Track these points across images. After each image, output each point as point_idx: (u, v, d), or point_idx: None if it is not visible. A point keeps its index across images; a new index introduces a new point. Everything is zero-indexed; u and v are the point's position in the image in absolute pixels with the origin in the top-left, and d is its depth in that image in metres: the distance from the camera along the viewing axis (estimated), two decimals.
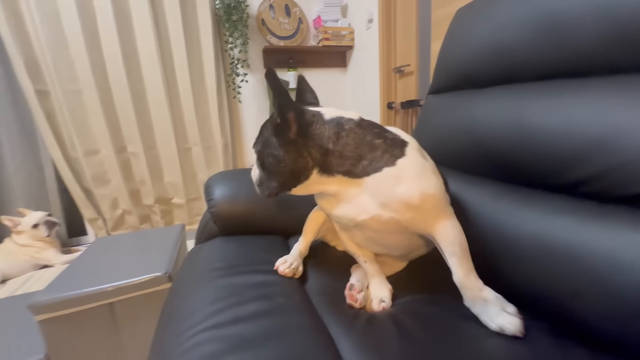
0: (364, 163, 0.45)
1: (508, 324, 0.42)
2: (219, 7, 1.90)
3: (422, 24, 1.65)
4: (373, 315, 0.49)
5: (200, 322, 0.45)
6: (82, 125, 1.81)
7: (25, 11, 1.61)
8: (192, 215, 2.18)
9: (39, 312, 0.80)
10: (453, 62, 0.80)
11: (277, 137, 0.47)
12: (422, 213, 0.46)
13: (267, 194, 0.53)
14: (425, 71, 1.67)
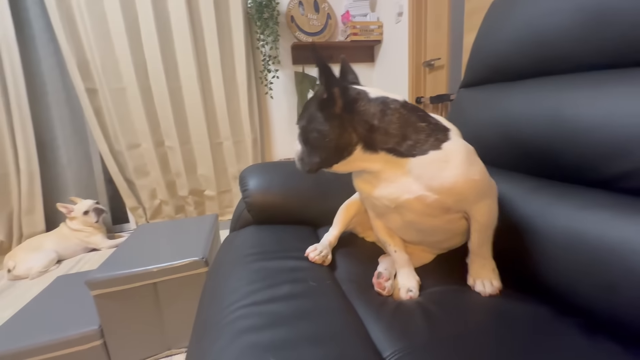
0: (409, 143, 0.46)
1: (486, 287, 0.51)
2: (250, 6, 1.96)
3: (454, 16, 1.60)
4: (401, 302, 0.51)
5: (240, 300, 0.49)
6: (125, 120, 1.96)
7: (78, 16, 1.75)
8: (223, 207, 2.28)
9: (95, 288, 0.89)
10: (487, 55, 0.79)
11: (323, 112, 0.48)
12: (466, 196, 0.47)
13: (308, 170, 0.54)
14: (457, 65, 1.62)
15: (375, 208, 0.57)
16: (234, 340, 0.39)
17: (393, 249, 0.59)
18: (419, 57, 1.87)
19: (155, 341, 1.00)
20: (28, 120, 1.79)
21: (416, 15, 1.81)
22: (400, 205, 0.50)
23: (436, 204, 0.47)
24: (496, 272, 0.54)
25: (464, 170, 0.45)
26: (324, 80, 0.46)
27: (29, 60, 1.80)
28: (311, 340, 0.38)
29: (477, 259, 0.55)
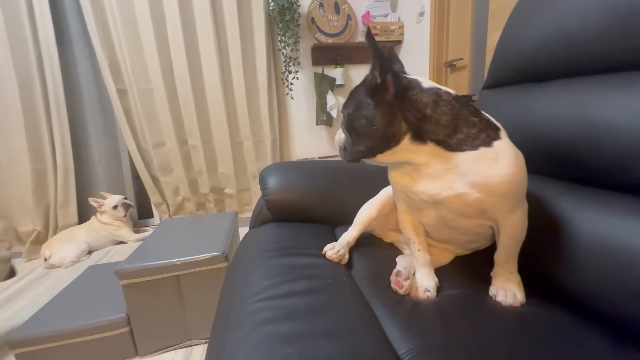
0: (460, 136, 0.45)
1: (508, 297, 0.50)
2: (272, 9, 1.99)
3: (477, 15, 1.57)
4: (418, 302, 0.51)
5: (259, 293, 0.51)
6: (152, 120, 2.05)
7: (111, 21, 1.85)
8: (242, 205, 2.34)
9: (123, 278, 0.94)
10: (511, 55, 0.77)
11: (373, 99, 0.47)
12: (507, 199, 0.46)
13: (351, 159, 0.53)
14: (480, 65, 1.58)
15: (410, 202, 0.56)
16: (254, 331, 0.41)
17: (417, 247, 0.59)
18: (440, 58, 1.84)
19: (176, 331, 1.05)
20: (65, 119, 1.92)
21: (438, 15, 1.78)
22: (439, 202, 0.49)
23: (475, 203, 0.47)
24: (521, 287, 0.52)
25: (511, 172, 0.45)
26: (378, 65, 0.45)
27: (66, 62, 1.92)
28: (327, 334, 0.39)
29: (502, 271, 0.54)
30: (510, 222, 0.49)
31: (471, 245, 0.63)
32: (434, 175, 0.48)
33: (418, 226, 0.60)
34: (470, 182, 0.46)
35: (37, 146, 1.91)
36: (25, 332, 0.94)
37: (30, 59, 1.80)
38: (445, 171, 0.47)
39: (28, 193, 1.93)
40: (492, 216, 0.49)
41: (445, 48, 1.83)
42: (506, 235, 0.51)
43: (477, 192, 0.46)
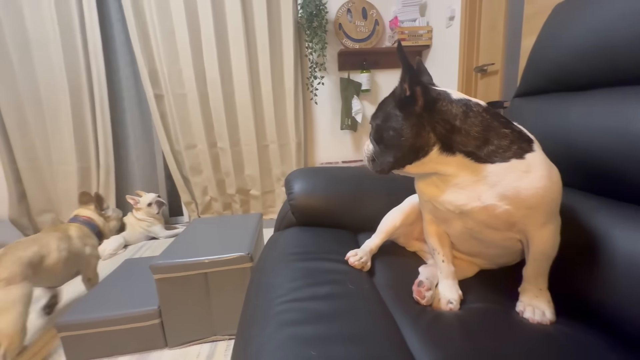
0: (490, 148, 0.45)
1: (536, 314, 0.49)
2: (301, 16, 2.04)
3: (511, 19, 1.52)
4: (440, 313, 0.51)
5: (284, 295, 0.53)
6: (184, 123, 2.16)
7: (151, 31, 1.99)
8: (266, 207, 2.40)
9: (157, 272, 1.01)
10: (546, 63, 0.75)
11: (402, 110, 0.48)
12: (538, 212, 0.46)
13: (379, 170, 0.54)
14: (513, 70, 1.53)
15: (435, 213, 0.55)
16: (278, 331, 0.43)
17: (441, 258, 0.58)
18: (470, 62, 1.80)
19: (203, 326, 1.10)
20: (108, 122, 2.07)
21: (469, 19, 1.74)
22: (465, 213, 0.49)
23: (504, 215, 0.46)
24: (551, 305, 0.50)
25: (543, 185, 0.44)
26: (407, 78, 0.46)
27: (110, 69, 2.08)
28: (348, 339, 0.40)
29: (531, 287, 0.52)
30: (541, 237, 0.48)
31: (499, 260, 0.62)
32: (462, 185, 0.48)
33: (443, 237, 0.59)
34: (499, 193, 0.45)
35: (83, 146, 2.08)
36: (70, 318, 1.02)
37: (80, 66, 1.97)
38: (473, 182, 0.47)
39: (74, 189, 2.10)
40: (521, 229, 0.48)
41: (475, 52, 1.78)
42: (536, 250, 0.49)
43: (506, 204, 0.45)
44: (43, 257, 1.09)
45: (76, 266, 1.24)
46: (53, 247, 1.13)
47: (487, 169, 0.46)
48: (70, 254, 1.18)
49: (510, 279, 0.57)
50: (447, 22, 1.93)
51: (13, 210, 2.09)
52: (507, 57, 1.57)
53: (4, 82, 1.94)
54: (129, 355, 1.06)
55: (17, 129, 2.01)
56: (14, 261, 0.99)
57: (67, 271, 1.20)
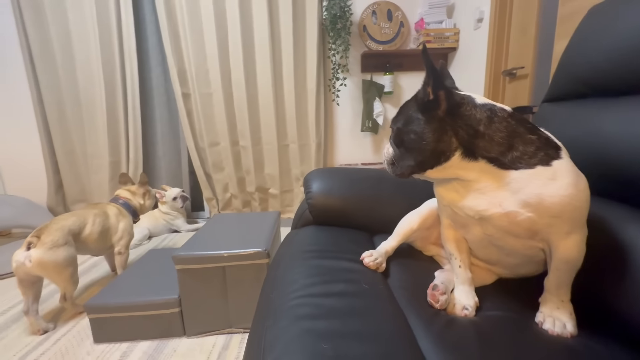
0: (515, 154, 0.44)
1: (556, 326, 0.47)
2: (325, 17, 2.06)
3: (544, 21, 1.46)
4: (454, 318, 0.50)
5: (299, 290, 0.54)
6: (209, 121, 2.23)
7: (182, 32, 2.07)
8: (284, 205, 2.43)
9: (179, 263, 1.05)
10: (580, 66, 0.72)
11: (424, 114, 0.47)
12: (563, 221, 0.44)
13: (399, 174, 0.53)
14: (544, 75, 1.47)
15: (454, 218, 0.55)
16: (293, 324, 0.44)
17: (458, 263, 0.57)
18: (498, 65, 1.75)
19: (219, 318, 1.13)
20: (138, 119, 2.18)
21: (498, 21, 1.69)
22: (485, 219, 0.48)
23: (526, 223, 0.45)
24: (573, 317, 0.48)
25: (570, 193, 0.42)
26: (431, 82, 0.45)
27: (142, 68, 2.18)
28: (360, 336, 0.41)
29: (552, 298, 0.50)
30: (565, 246, 0.46)
31: (519, 270, 0.60)
32: (483, 191, 0.47)
33: (461, 242, 0.58)
34: (521, 200, 0.44)
35: (115, 141, 2.20)
36: (97, 301, 1.09)
37: (116, 65, 2.09)
38: (495, 188, 0.46)
39: (105, 181, 2.22)
40: (544, 238, 0.47)
41: (504, 55, 1.73)
42: (559, 260, 0.48)
43: (529, 212, 0.44)
44: (81, 228, 1.29)
45: (109, 240, 1.42)
46: (90, 221, 1.33)
47: (510, 175, 0.44)
48: (104, 229, 1.38)
49: (531, 288, 0.55)
50: (475, 24, 1.89)
51: (51, 199, 2.25)
52: (538, 60, 1.51)
53: (48, 80, 2.09)
54: (150, 341, 1.11)
55: (57, 124, 2.16)
56: (57, 228, 1.18)
57: (102, 243, 1.38)
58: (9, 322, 1.26)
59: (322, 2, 2.09)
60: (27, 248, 1.11)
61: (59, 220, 1.23)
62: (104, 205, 1.46)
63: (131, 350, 1.07)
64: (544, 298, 0.51)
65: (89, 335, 1.13)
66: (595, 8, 0.73)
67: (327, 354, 0.37)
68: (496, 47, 1.72)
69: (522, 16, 1.60)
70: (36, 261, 1.10)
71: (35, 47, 2.03)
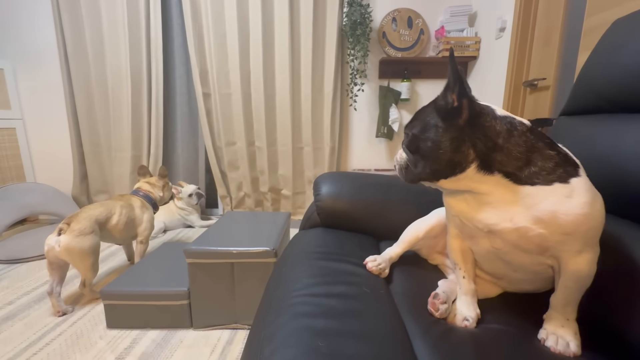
0: (533, 169, 0.43)
1: (559, 344, 0.46)
2: (345, 23, 2.08)
3: (568, 32, 1.43)
4: (454, 327, 0.50)
5: (301, 289, 0.56)
6: (227, 121, 2.29)
7: (205, 34, 2.15)
8: (296, 207, 2.45)
9: (190, 257, 1.09)
10: (600, 80, 0.70)
11: (445, 121, 0.46)
12: (575, 239, 0.43)
13: (411, 180, 0.52)
14: (566, 87, 1.43)
15: (462, 228, 0.54)
16: (292, 320, 0.46)
17: (462, 274, 0.57)
18: (519, 76, 1.71)
19: (226, 313, 1.16)
20: (160, 116, 2.26)
21: (521, 31, 1.66)
22: (494, 232, 0.47)
23: (537, 239, 0.44)
24: (578, 337, 0.47)
25: (585, 212, 0.42)
26: (456, 89, 0.44)
27: (167, 68, 2.27)
28: (356, 336, 0.42)
29: (557, 316, 0.49)
30: (576, 265, 0.45)
31: (524, 286, 0.59)
32: (494, 205, 0.46)
33: (467, 253, 0.58)
34: (534, 216, 0.43)
35: (138, 136, 2.30)
36: (113, 288, 1.14)
37: (143, 64, 2.18)
38: (507, 203, 0.45)
39: (126, 174, 2.32)
40: (555, 254, 0.46)
41: (526, 66, 1.69)
42: (568, 278, 0.47)
43: (541, 228, 0.43)
44: (108, 217, 1.37)
45: (134, 230, 1.50)
46: (116, 212, 1.41)
47: (525, 191, 0.44)
48: (129, 220, 1.46)
49: (535, 304, 0.54)
50: (497, 33, 1.86)
51: (76, 188, 2.37)
52: (561, 72, 1.47)
53: (81, 76, 2.21)
54: (159, 331, 1.15)
55: (86, 118, 2.28)
56: (85, 217, 1.26)
57: (126, 233, 1.46)
58: (32, 302, 1.34)
59: (342, 8, 2.12)
60: (58, 233, 1.19)
61: (87, 209, 1.31)
62: (129, 197, 1.53)
63: (140, 337, 1.12)
64: (548, 315, 0.51)
65: (103, 321, 1.19)
66: (619, 21, 0.71)
67: (322, 351, 0.38)
68: (518, 57, 1.69)
69: (546, 26, 1.57)
70: (64, 246, 1.17)
71: (70, 46, 2.16)
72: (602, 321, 0.50)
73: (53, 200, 2.14)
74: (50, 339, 1.11)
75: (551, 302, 0.50)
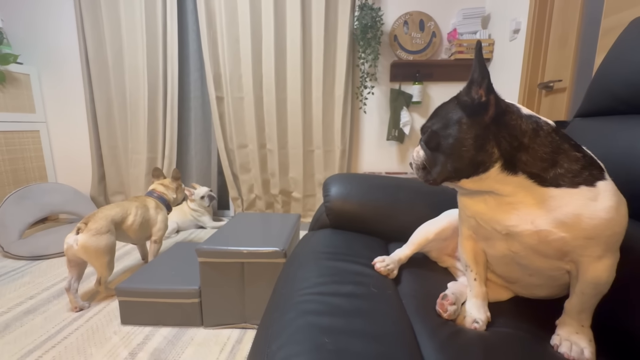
0: (559, 171, 0.42)
1: (573, 350, 0.45)
2: (356, 27, 2.10)
3: (585, 33, 1.39)
4: (461, 329, 0.50)
5: (309, 288, 0.56)
6: (239, 124, 2.33)
7: (219, 39, 2.20)
8: (306, 210, 2.46)
9: (201, 256, 1.11)
10: (617, 81, 0.69)
11: (470, 118, 0.44)
12: (597, 244, 0.42)
13: (431, 181, 0.50)
14: (583, 88, 1.39)
15: (477, 230, 0.52)
16: (299, 317, 0.46)
17: (473, 276, 0.56)
18: (534, 78, 1.68)
19: (235, 312, 1.17)
20: (175, 119, 2.33)
21: (536, 32, 1.63)
22: (512, 235, 0.46)
23: (557, 243, 0.43)
24: (593, 344, 0.46)
25: (610, 217, 0.41)
26: (485, 84, 0.42)
27: (182, 73, 2.34)
28: (362, 335, 0.42)
29: (571, 322, 0.47)
30: (595, 270, 0.44)
31: (538, 292, 0.57)
32: (515, 206, 0.45)
33: (479, 254, 0.57)
34: (556, 220, 0.42)
35: (153, 139, 2.36)
36: (127, 285, 1.17)
37: (159, 69, 2.25)
38: (529, 205, 0.44)
39: (142, 176, 2.39)
40: (574, 259, 0.45)
41: (541, 68, 1.66)
42: (586, 284, 0.45)
43: (563, 232, 0.42)
44: (124, 218, 1.41)
45: (148, 230, 1.55)
46: (132, 212, 1.45)
47: (549, 193, 0.43)
48: (144, 220, 1.50)
49: (548, 309, 0.53)
50: (511, 35, 1.83)
51: (94, 189, 2.45)
52: (578, 74, 1.44)
53: (101, 81, 2.30)
54: (170, 328, 1.18)
55: (105, 121, 2.36)
56: (102, 217, 1.31)
57: (141, 233, 1.50)
58: (51, 297, 1.40)
59: (354, 12, 2.14)
60: (77, 232, 1.24)
61: (104, 209, 1.36)
62: (144, 198, 1.58)
63: (153, 334, 1.14)
64: (562, 321, 0.49)
65: (117, 317, 1.22)
66: (637, 20, 0.70)
67: (328, 348, 0.38)
68: (533, 59, 1.66)
69: (561, 27, 1.54)
70: (81, 245, 1.22)
71: (91, 52, 2.25)
72: (617, 329, 0.49)
73: (73, 200, 2.22)
74: (68, 333, 1.15)
75: (565, 307, 0.49)
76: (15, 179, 2.22)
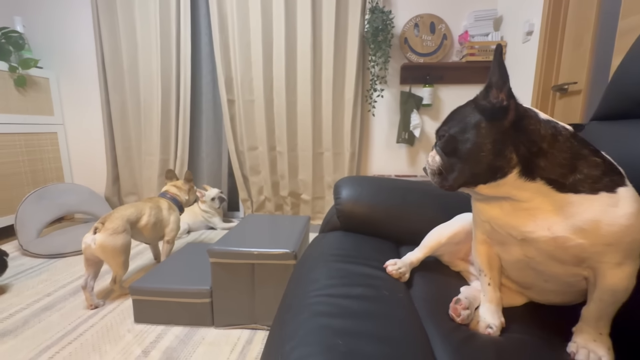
0: (578, 177, 0.41)
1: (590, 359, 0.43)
2: (367, 30, 2.10)
3: (602, 35, 1.37)
4: (475, 334, 0.49)
5: (319, 289, 0.57)
6: (250, 126, 2.36)
7: (231, 43, 2.24)
8: (315, 212, 2.47)
9: (213, 256, 1.13)
10: (632, 85, 0.67)
11: (489, 122, 0.43)
12: (617, 251, 0.41)
13: (448, 186, 0.49)
14: (599, 91, 1.37)
15: (492, 235, 0.52)
16: (311, 319, 0.47)
17: (487, 281, 0.55)
18: (548, 80, 1.65)
19: (246, 313, 1.18)
20: (187, 121, 2.37)
21: (550, 34, 1.61)
22: (528, 241, 0.45)
23: (575, 249, 0.42)
24: (611, 353, 0.45)
25: (631, 223, 0.40)
26: (505, 88, 0.42)
27: (194, 76, 2.38)
28: (374, 337, 0.42)
29: (589, 329, 0.46)
30: (613, 277, 0.43)
31: (553, 298, 0.56)
32: (531, 212, 0.44)
33: (494, 259, 0.56)
34: (574, 226, 0.41)
35: (166, 141, 2.41)
36: (140, 284, 1.20)
37: (172, 72, 2.30)
38: (547, 211, 0.43)
39: (154, 177, 2.44)
40: (592, 266, 0.44)
41: (555, 70, 1.63)
42: (605, 291, 0.44)
43: (581, 238, 0.41)
44: (138, 218, 1.45)
45: (161, 230, 1.58)
46: (146, 212, 1.48)
47: (567, 199, 0.42)
48: (157, 220, 1.53)
49: (564, 316, 0.52)
50: (524, 37, 1.81)
51: (108, 190, 2.51)
52: (594, 76, 1.41)
53: (116, 84, 2.37)
54: (182, 327, 1.20)
55: (120, 122, 2.42)
56: (118, 217, 1.34)
57: (154, 232, 1.53)
58: (68, 294, 1.43)
59: (364, 15, 2.14)
60: (94, 232, 1.28)
61: (120, 210, 1.40)
62: (157, 199, 1.62)
63: (165, 333, 1.16)
64: (579, 328, 0.48)
65: (131, 315, 1.25)
66: None
67: (340, 349, 0.39)
68: (546, 61, 1.64)
69: (576, 29, 1.51)
70: (99, 244, 1.25)
71: (107, 56, 2.32)
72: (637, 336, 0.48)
73: (88, 200, 2.28)
74: (83, 330, 1.18)
75: (583, 314, 0.48)
76: (34, 180, 2.30)
